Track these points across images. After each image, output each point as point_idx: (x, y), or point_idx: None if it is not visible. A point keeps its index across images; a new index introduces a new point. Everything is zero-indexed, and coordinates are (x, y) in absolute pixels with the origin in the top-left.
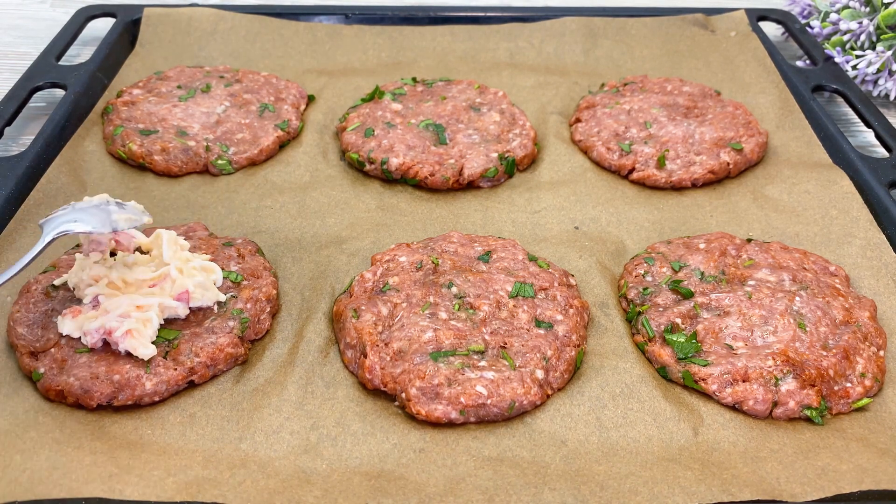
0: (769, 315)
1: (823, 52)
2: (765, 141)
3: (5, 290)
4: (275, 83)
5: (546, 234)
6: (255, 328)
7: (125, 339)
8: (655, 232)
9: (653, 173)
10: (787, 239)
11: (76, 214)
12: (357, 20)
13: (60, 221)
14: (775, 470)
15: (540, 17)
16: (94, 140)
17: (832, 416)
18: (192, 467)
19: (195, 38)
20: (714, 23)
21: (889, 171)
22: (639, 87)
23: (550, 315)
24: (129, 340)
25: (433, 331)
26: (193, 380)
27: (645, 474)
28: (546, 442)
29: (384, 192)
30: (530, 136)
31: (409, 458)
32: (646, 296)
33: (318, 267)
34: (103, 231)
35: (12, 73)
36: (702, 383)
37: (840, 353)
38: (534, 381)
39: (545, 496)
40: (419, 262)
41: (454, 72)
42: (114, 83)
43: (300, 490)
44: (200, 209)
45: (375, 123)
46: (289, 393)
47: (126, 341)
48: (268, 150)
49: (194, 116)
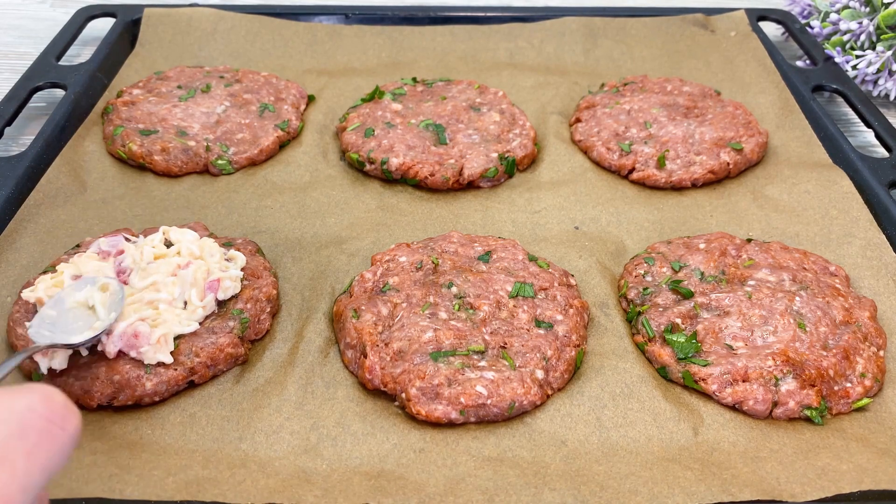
0: (769, 315)
1: (823, 52)
2: (765, 141)
3: (5, 290)
4: (275, 83)
5: (546, 234)
6: (255, 328)
7: (148, 347)
8: (655, 232)
9: (653, 173)
10: (787, 239)
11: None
12: (357, 20)
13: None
14: (775, 470)
15: (540, 17)
16: (94, 140)
17: (832, 416)
18: (193, 467)
19: (195, 38)
20: (714, 23)
21: (889, 171)
22: (639, 87)
23: (550, 315)
24: (152, 349)
25: (433, 331)
26: (193, 380)
27: (645, 474)
28: (546, 442)
29: (384, 192)
30: (530, 136)
31: (409, 458)
32: (646, 296)
33: (318, 267)
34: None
35: (12, 73)
36: (702, 383)
37: (840, 353)
38: (534, 381)
39: (545, 496)
40: (419, 262)
41: (454, 72)
42: (114, 83)
43: (300, 490)
44: (200, 209)
45: (375, 123)
46: (289, 393)
47: (149, 352)
48: (268, 150)
49: (194, 116)
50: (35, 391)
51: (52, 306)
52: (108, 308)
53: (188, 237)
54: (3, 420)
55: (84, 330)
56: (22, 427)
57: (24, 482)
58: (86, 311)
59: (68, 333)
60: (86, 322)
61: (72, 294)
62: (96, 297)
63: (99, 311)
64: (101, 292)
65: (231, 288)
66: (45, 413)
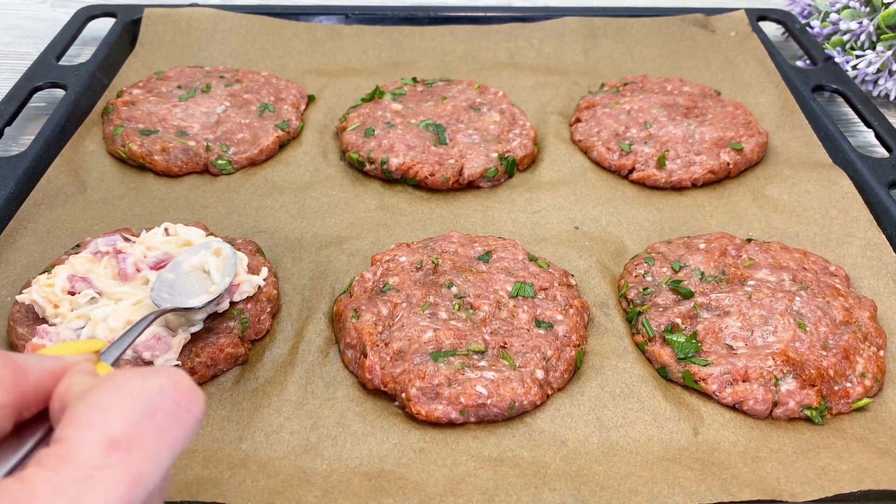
0: (769, 315)
1: (823, 52)
2: (765, 141)
3: (5, 289)
4: (275, 83)
5: (546, 234)
6: (255, 328)
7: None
8: (655, 232)
9: (653, 173)
10: (787, 239)
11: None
12: (357, 20)
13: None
14: (775, 470)
15: (540, 17)
16: (94, 140)
17: (832, 416)
18: (192, 467)
19: (195, 38)
20: (714, 23)
21: (889, 171)
22: (639, 87)
23: (550, 315)
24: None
25: (433, 331)
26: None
27: (645, 474)
28: (546, 442)
29: (384, 192)
30: (530, 136)
31: (409, 458)
32: (646, 296)
33: (318, 267)
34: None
35: (12, 73)
36: (702, 383)
37: (840, 353)
38: (534, 381)
39: (545, 496)
40: (419, 262)
41: (454, 72)
42: (114, 83)
43: (300, 490)
44: (200, 209)
45: (375, 123)
46: (289, 393)
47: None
48: (268, 150)
49: (194, 116)
50: (165, 374)
51: (170, 270)
52: (223, 272)
53: (195, 234)
54: (136, 401)
55: (200, 293)
56: (154, 408)
57: (155, 461)
58: (201, 275)
59: (186, 296)
60: (202, 286)
61: (188, 258)
62: (211, 262)
63: (214, 275)
64: (215, 257)
65: (247, 292)
66: (174, 396)
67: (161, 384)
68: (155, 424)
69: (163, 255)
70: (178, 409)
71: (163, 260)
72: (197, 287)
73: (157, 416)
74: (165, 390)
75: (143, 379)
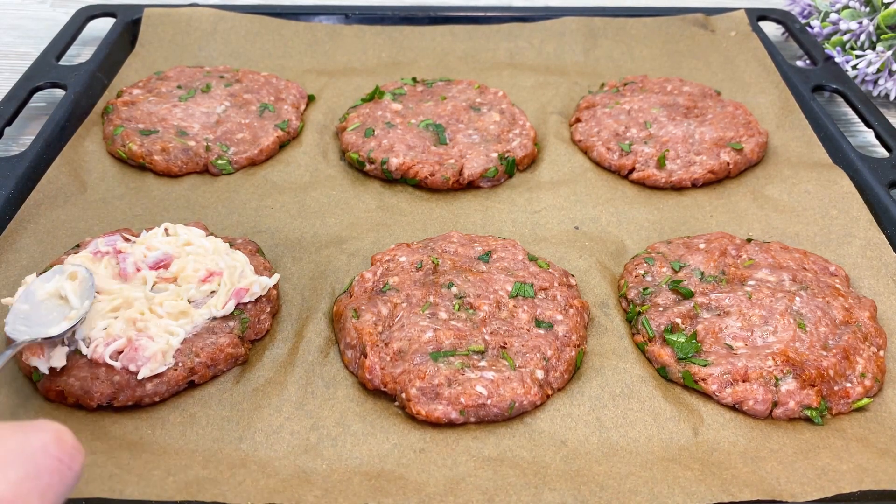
0: (769, 315)
1: (823, 52)
2: (765, 141)
3: (5, 290)
4: (275, 83)
5: (546, 234)
6: (255, 328)
7: (145, 360)
8: (655, 232)
9: (653, 173)
10: (787, 239)
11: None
12: (357, 20)
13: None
14: (775, 470)
15: (540, 17)
16: (94, 140)
17: (832, 416)
18: (193, 467)
19: (195, 38)
20: (714, 23)
21: (889, 171)
22: (639, 87)
23: (550, 315)
24: (150, 364)
25: (433, 331)
26: (194, 380)
27: (645, 474)
28: (546, 442)
29: (384, 192)
30: (530, 136)
31: (409, 458)
32: (646, 296)
33: (318, 267)
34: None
35: (12, 73)
36: (702, 383)
37: (840, 353)
38: (534, 381)
39: (545, 496)
40: (419, 262)
41: (454, 72)
42: (114, 83)
43: (300, 490)
44: (200, 209)
45: (375, 123)
46: (289, 393)
47: (147, 365)
48: (268, 150)
49: (194, 116)
50: (48, 430)
51: (23, 300)
52: (81, 296)
53: (195, 234)
54: (19, 461)
55: (60, 321)
56: (37, 468)
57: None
58: (58, 301)
59: (45, 326)
60: (60, 313)
61: (41, 286)
62: (67, 287)
63: (72, 300)
64: (71, 281)
65: (257, 293)
66: (56, 454)
67: (44, 442)
68: (38, 484)
69: (163, 255)
70: (61, 468)
71: (163, 260)
72: (56, 314)
73: (41, 475)
74: (49, 448)
75: (25, 436)
